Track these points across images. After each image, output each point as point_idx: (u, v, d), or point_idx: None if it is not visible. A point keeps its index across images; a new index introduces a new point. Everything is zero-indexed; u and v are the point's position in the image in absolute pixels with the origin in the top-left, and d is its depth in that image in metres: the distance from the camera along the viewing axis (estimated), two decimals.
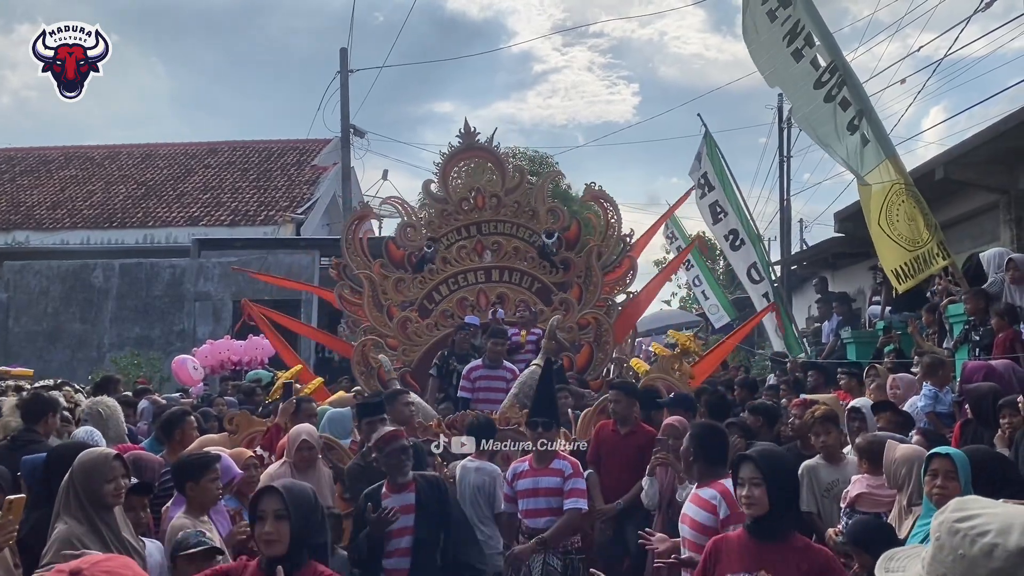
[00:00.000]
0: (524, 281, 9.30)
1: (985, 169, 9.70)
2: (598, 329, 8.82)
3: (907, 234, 7.62)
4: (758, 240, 14.01)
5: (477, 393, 7.72)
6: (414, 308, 9.11)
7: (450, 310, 9.11)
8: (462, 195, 9.54)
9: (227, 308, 17.35)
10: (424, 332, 8.95)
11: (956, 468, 3.60)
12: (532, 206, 9.52)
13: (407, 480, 4.50)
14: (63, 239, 19.95)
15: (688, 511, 4.08)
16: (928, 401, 6.18)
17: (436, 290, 9.25)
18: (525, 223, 9.45)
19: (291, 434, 5.45)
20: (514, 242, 9.39)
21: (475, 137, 9.68)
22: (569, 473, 5.14)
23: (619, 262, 9.66)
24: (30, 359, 16.15)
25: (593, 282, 9.14)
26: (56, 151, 24.50)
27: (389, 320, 8.97)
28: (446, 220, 9.52)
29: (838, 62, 8.21)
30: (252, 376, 11.69)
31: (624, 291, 9.82)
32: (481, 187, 9.52)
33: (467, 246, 9.39)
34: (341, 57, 19.89)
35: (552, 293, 9.19)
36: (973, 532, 1.29)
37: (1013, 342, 6.61)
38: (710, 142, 14.30)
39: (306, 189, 21.03)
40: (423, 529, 4.37)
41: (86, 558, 1.73)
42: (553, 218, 9.58)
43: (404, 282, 9.25)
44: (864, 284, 14.09)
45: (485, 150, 9.76)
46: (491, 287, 9.25)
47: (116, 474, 3.48)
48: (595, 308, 9.01)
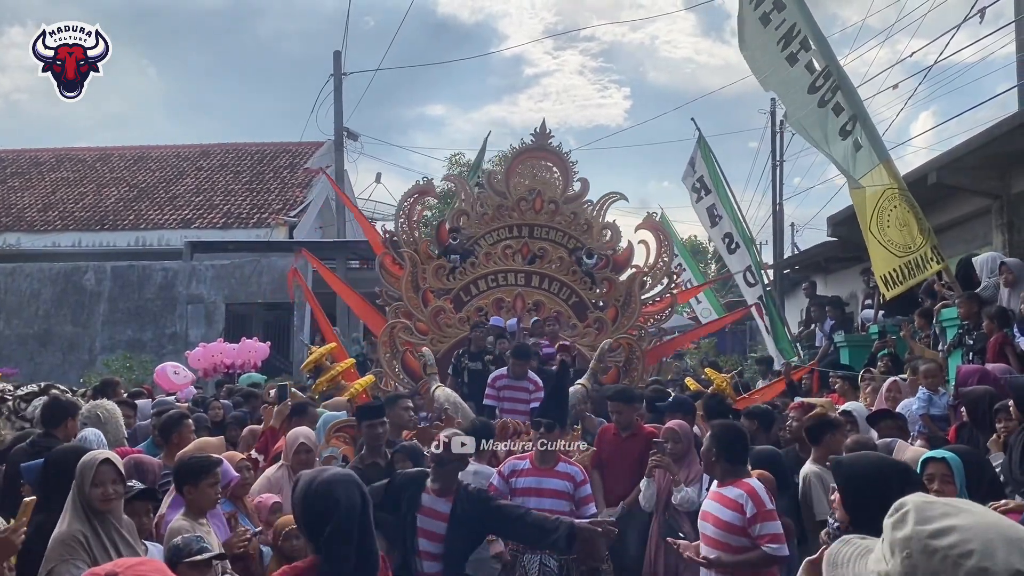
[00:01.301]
0: (563, 292, 9.30)
1: (978, 174, 9.76)
2: (629, 354, 8.82)
3: (898, 240, 7.65)
4: (751, 243, 14.06)
5: (503, 403, 7.69)
6: (449, 298, 9.08)
7: (485, 307, 9.08)
8: (521, 194, 9.53)
9: (219, 311, 17.31)
10: (456, 325, 8.91)
11: (952, 472, 3.62)
12: (588, 219, 9.53)
13: (447, 488, 4.37)
14: (54, 241, 19.86)
15: (711, 509, 4.11)
16: (922, 404, 6.22)
17: (475, 284, 9.22)
18: (577, 235, 9.45)
19: (289, 437, 5.43)
20: (560, 251, 9.39)
21: (548, 139, 9.72)
22: (581, 479, 5.11)
23: (662, 297, 9.71)
24: (21, 362, 16.08)
25: (631, 308, 9.16)
26: (47, 153, 24.40)
27: (423, 305, 8.93)
28: (500, 214, 9.51)
29: (832, 67, 8.24)
30: (245, 379, 11.65)
31: (658, 326, 9.86)
32: (542, 190, 9.51)
33: (513, 246, 9.38)
34: (335, 60, 19.89)
35: (588, 309, 9.20)
36: (954, 553, 1.14)
37: (1004, 346, 6.65)
38: (704, 146, 14.34)
39: (299, 192, 21.00)
40: (453, 541, 4.26)
41: (119, 561, 1.73)
42: (606, 236, 9.59)
43: (444, 269, 9.23)
44: (857, 288, 14.14)
45: (555, 154, 9.80)
46: (529, 292, 9.24)
47: (104, 479, 3.45)
48: (628, 334, 9.01)
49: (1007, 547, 1.14)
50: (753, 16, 9.01)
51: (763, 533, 3.99)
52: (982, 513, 1.21)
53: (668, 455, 5.26)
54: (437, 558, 4.26)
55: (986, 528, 1.16)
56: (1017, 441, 4.80)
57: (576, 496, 5.06)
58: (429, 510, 4.29)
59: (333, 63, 19.91)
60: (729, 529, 4.01)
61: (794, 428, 5.82)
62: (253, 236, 19.14)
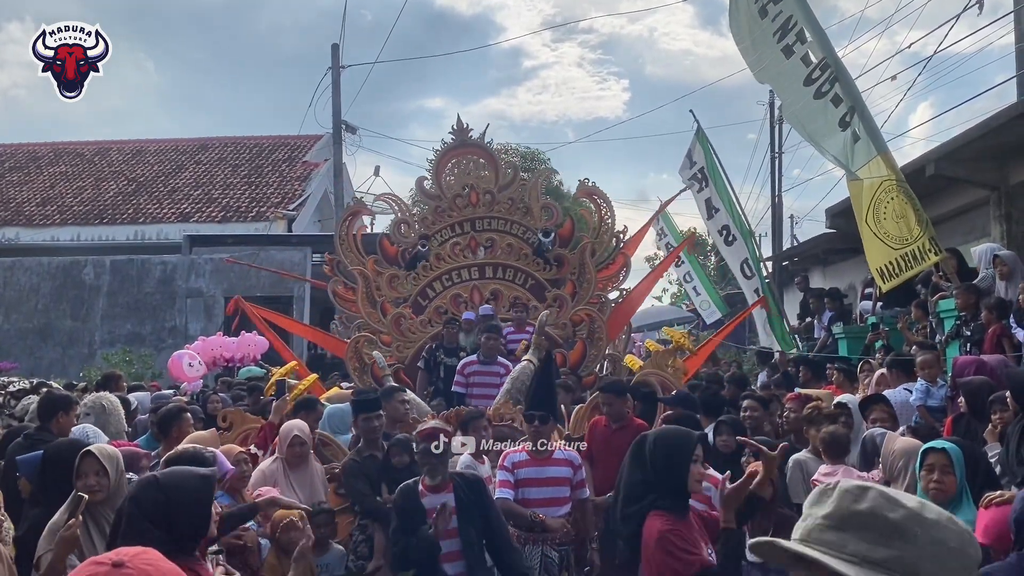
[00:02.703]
0: (518, 278, 9.32)
1: (976, 165, 9.76)
2: (591, 326, 8.85)
3: (894, 232, 7.65)
4: (749, 236, 14.03)
5: (471, 388, 7.78)
6: (408, 304, 9.13)
7: (444, 307, 9.12)
8: (455, 191, 9.55)
9: (219, 305, 17.31)
10: (418, 328, 8.97)
11: (952, 462, 3.62)
12: (526, 203, 9.54)
13: (444, 480, 4.39)
14: (53, 236, 19.85)
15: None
16: (920, 395, 6.23)
17: (430, 286, 9.26)
18: (519, 220, 9.48)
19: (283, 430, 5.44)
20: (508, 239, 9.41)
21: (468, 133, 9.69)
22: (579, 463, 5.20)
23: (613, 259, 9.68)
24: (20, 356, 16.10)
25: (587, 279, 9.18)
26: (46, 147, 24.37)
27: (383, 316, 8.98)
28: (440, 217, 9.53)
29: (830, 58, 8.22)
30: (245, 373, 11.66)
31: (617, 288, 9.83)
32: (474, 184, 9.53)
33: (461, 243, 9.41)
34: (333, 53, 19.82)
35: (546, 289, 9.22)
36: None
37: (1001, 337, 6.66)
38: (702, 138, 14.31)
39: (297, 185, 20.98)
40: (468, 531, 4.26)
41: (121, 550, 1.71)
42: (547, 215, 9.60)
43: (398, 278, 9.26)
44: (855, 280, 14.15)
45: (478, 146, 9.78)
46: (485, 284, 9.27)
47: (85, 470, 3.47)
48: (589, 305, 9.04)
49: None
50: (751, 9, 8.99)
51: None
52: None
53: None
54: (459, 555, 4.25)
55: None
56: (1014, 432, 4.82)
57: (573, 480, 5.11)
58: (434, 510, 4.28)
59: (331, 56, 19.85)
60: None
61: (791, 419, 5.84)
62: (252, 230, 19.14)
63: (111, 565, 1.62)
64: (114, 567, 1.62)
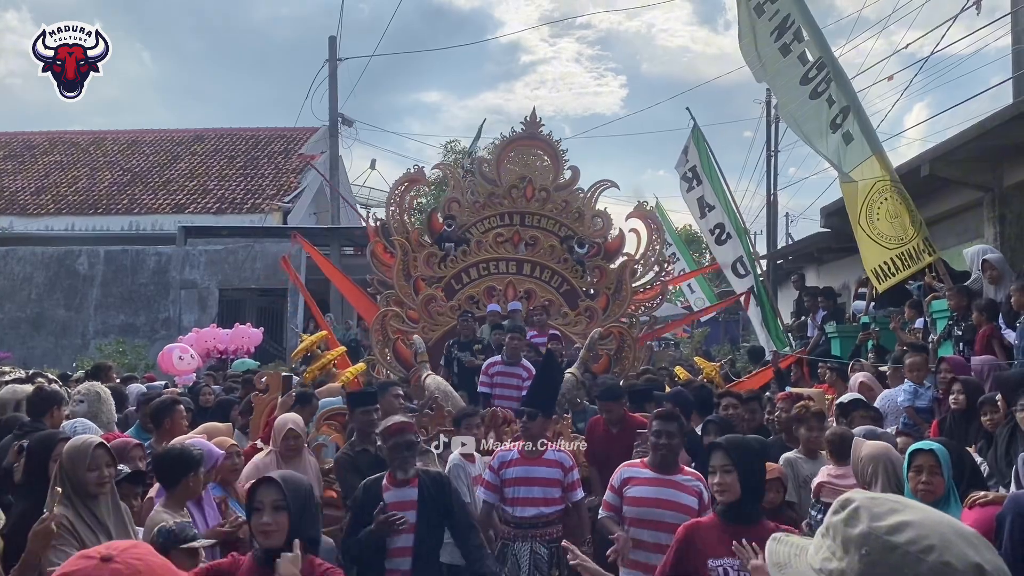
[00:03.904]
0: (554, 280, 9.31)
1: (970, 166, 9.77)
2: (621, 342, 8.83)
3: (888, 232, 7.67)
4: (745, 233, 14.02)
5: (495, 389, 7.71)
6: (440, 287, 9.09)
7: (476, 296, 9.09)
8: (512, 182, 9.53)
9: (213, 296, 17.30)
10: (447, 314, 8.92)
11: (939, 463, 3.64)
12: (579, 208, 9.53)
13: (413, 475, 4.34)
14: (47, 225, 19.80)
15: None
16: (908, 396, 6.26)
17: (466, 272, 9.22)
18: (568, 223, 9.45)
19: (277, 424, 5.44)
20: (551, 239, 9.39)
21: (539, 127, 9.71)
22: (570, 465, 5.17)
23: (653, 285, 9.71)
24: (14, 346, 16.08)
25: (622, 296, 9.16)
26: (40, 136, 24.28)
27: (415, 293, 8.94)
28: (491, 202, 9.51)
29: (826, 57, 8.22)
30: (239, 365, 11.65)
31: (649, 314, 9.87)
32: (533, 178, 9.52)
33: (504, 234, 9.38)
34: (330, 46, 19.79)
35: (579, 298, 9.20)
36: (915, 549, 1.15)
37: (992, 338, 6.69)
38: (697, 135, 14.30)
39: (293, 178, 20.95)
40: (424, 528, 4.20)
41: (111, 544, 1.70)
42: (598, 225, 9.59)
43: (435, 257, 9.23)
44: (849, 279, 14.17)
45: (546, 142, 9.80)
46: (520, 280, 9.25)
47: (99, 463, 3.47)
48: (619, 322, 9.03)
49: (961, 541, 1.16)
50: (747, 6, 8.99)
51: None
52: (925, 509, 1.23)
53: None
54: (409, 551, 4.19)
55: (937, 523, 1.18)
56: (1002, 433, 4.85)
57: (565, 482, 5.10)
58: (396, 504, 4.20)
59: (328, 49, 19.82)
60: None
61: (782, 419, 5.87)
62: (247, 221, 19.11)
63: (100, 559, 1.61)
64: (103, 561, 1.60)
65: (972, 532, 1.19)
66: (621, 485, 4.38)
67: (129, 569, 1.61)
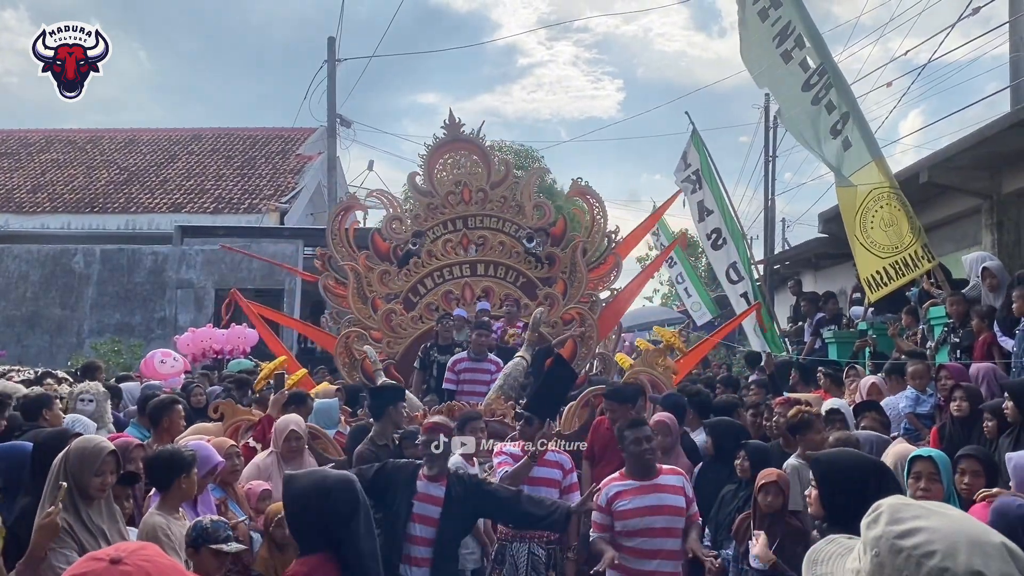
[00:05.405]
0: (509, 276, 9.34)
1: (969, 174, 9.81)
2: (582, 324, 8.87)
3: (882, 241, 7.69)
4: (742, 238, 14.03)
5: (462, 385, 7.81)
6: (399, 301, 9.13)
7: (435, 303, 9.13)
8: (448, 188, 9.53)
9: (209, 296, 17.25)
10: (408, 325, 8.97)
11: (939, 470, 3.66)
12: (518, 201, 9.54)
13: (441, 473, 4.53)
14: (43, 223, 19.73)
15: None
16: (909, 403, 6.27)
17: (421, 283, 9.26)
18: (511, 218, 9.48)
19: (278, 425, 5.45)
20: (500, 236, 9.42)
21: (460, 129, 9.65)
22: (570, 467, 5.23)
23: (604, 259, 9.69)
24: (8, 344, 16.02)
25: (578, 278, 9.19)
26: (37, 134, 24.21)
27: (374, 312, 8.98)
28: (432, 213, 9.53)
29: (827, 64, 8.26)
30: (235, 365, 11.61)
31: (608, 288, 9.84)
32: (467, 181, 9.51)
33: (453, 240, 9.41)
34: (329, 46, 19.79)
35: (537, 288, 9.23)
36: (918, 553, 1.18)
37: (991, 345, 6.71)
38: (697, 139, 14.32)
39: (291, 178, 20.92)
40: (447, 527, 4.39)
41: (119, 545, 1.69)
42: (539, 214, 9.60)
43: (389, 274, 9.25)
44: (846, 284, 14.20)
45: (470, 142, 9.74)
46: (476, 281, 9.28)
47: (106, 469, 3.47)
48: (579, 303, 9.06)
49: (970, 548, 1.17)
50: (751, 11, 9.01)
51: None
52: (956, 517, 1.24)
53: (656, 447, 5.28)
54: (429, 543, 4.36)
55: (954, 531, 1.20)
56: (1006, 442, 4.87)
57: (563, 484, 5.13)
58: (424, 495, 4.42)
59: (327, 49, 19.81)
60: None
61: (780, 423, 5.87)
62: (244, 222, 19.07)
63: (109, 561, 1.60)
64: (112, 563, 1.59)
65: (994, 543, 1.19)
66: (608, 503, 4.50)
67: (139, 571, 1.60)
